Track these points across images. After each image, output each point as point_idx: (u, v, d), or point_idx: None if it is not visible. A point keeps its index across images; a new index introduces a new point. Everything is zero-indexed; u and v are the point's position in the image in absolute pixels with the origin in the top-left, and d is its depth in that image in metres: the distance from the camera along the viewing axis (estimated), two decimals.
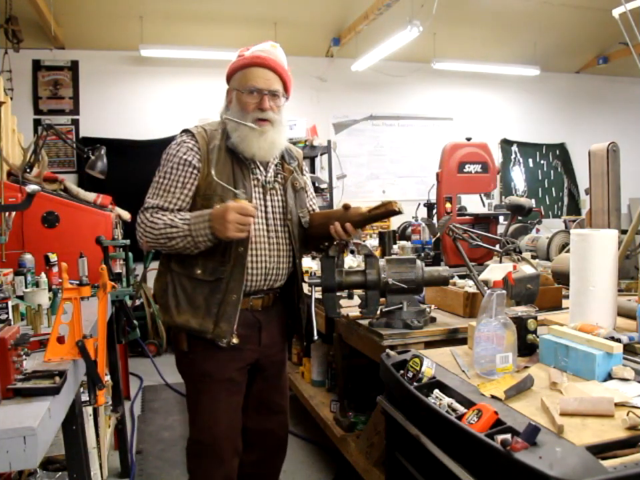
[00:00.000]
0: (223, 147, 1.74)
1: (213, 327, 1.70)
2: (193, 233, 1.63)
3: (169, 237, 1.65)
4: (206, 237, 1.63)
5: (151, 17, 5.29)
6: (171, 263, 1.76)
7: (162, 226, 1.65)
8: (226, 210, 1.58)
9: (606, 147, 2.11)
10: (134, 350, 4.72)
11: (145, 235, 1.68)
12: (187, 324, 1.72)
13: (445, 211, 3.10)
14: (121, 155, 5.34)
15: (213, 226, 1.61)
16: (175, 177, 1.71)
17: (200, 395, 1.79)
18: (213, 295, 1.71)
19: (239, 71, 1.74)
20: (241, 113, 1.71)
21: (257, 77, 1.70)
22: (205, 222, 1.62)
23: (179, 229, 1.64)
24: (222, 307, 1.70)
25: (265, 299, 1.83)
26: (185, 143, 1.73)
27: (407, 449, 1.40)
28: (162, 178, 1.73)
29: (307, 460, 2.95)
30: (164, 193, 1.71)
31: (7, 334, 1.17)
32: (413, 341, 1.82)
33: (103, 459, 2.40)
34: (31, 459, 1.00)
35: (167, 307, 1.75)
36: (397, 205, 1.69)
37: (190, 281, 1.73)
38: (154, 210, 1.70)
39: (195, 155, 1.72)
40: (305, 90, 6.29)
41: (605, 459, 0.95)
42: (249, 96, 1.71)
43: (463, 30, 5.98)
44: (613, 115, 7.35)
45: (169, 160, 1.73)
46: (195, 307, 1.72)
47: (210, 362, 1.75)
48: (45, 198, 3.13)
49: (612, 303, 1.65)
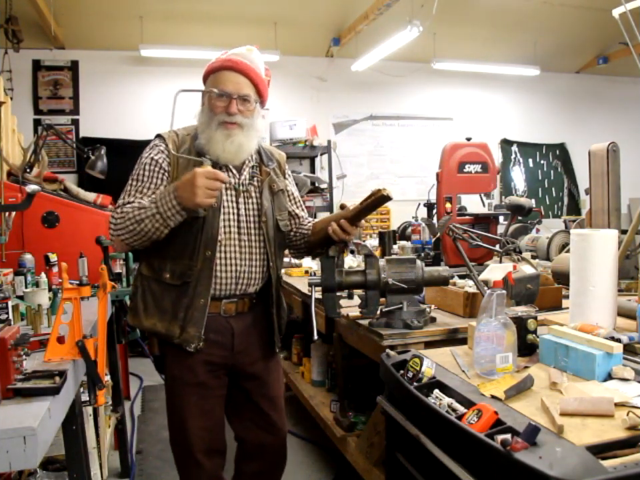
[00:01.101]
0: (193, 150, 1.72)
1: (179, 332, 1.68)
2: (160, 209, 1.57)
3: (138, 220, 1.59)
4: (174, 209, 1.57)
5: (151, 17, 5.29)
6: (142, 267, 1.75)
7: (130, 210, 1.61)
8: (194, 175, 1.53)
9: (606, 147, 2.11)
10: (134, 350, 4.72)
11: (117, 229, 1.62)
12: (153, 328, 1.71)
13: (445, 210, 3.09)
14: (121, 155, 5.30)
15: (180, 195, 1.55)
16: (147, 178, 1.70)
17: (172, 398, 1.79)
18: (179, 299, 1.69)
19: (210, 75, 1.73)
20: (209, 115, 1.70)
21: (227, 81, 1.68)
22: (170, 194, 1.57)
23: (146, 209, 1.59)
24: (189, 311, 1.68)
25: (239, 303, 1.79)
26: (157, 147, 1.73)
27: (407, 449, 1.40)
28: (134, 180, 1.72)
29: (307, 460, 2.95)
30: (135, 192, 1.70)
31: (7, 334, 1.17)
32: (413, 340, 1.82)
33: (103, 459, 2.40)
34: (31, 459, 1.01)
35: (136, 310, 1.73)
36: (386, 190, 1.66)
37: (158, 285, 1.71)
38: (123, 207, 1.66)
39: (165, 159, 1.71)
40: (305, 90, 6.30)
41: (605, 458, 0.94)
42: (217, 99, 1.68)
43: (463, 30, 5.98)
44: (613, 114, 7.35)
45: (140, 163, 1.73)
46: (162, 311, 1.70)
47: (179, 366, 1.74)
48: (45, 198, 3.13)
49: (612, 303, 1.65)
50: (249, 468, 1.91)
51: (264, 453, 1.89)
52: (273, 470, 1.95)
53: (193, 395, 1.75)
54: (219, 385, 1.80)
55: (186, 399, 1.75)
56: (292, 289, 2.89)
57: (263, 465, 1.91)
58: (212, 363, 1.75)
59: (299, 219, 1.96)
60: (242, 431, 1.90)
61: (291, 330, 3.50)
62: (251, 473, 1.91)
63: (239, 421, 1.89)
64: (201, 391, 1.75)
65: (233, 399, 1.87)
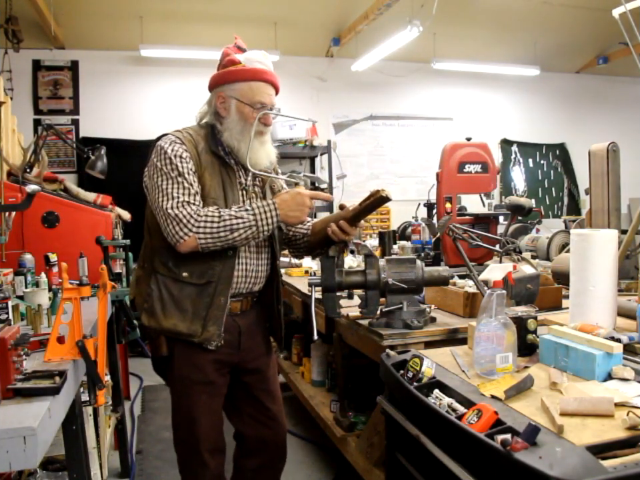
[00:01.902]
0: (209, 151, 1.74)
1: (201, 331, 1.69)
2: (258, 223, 1.64)
3: (233, 229, 1.62)
4: (272, 225, 1.66)
5: (151, 17, 5.29)
6: (155, 266, 1.73)
7: (226, 217, 1.61)
8: (302, 196, 1.67)
9: (606, 147, 2.11)
10: (134, 350, 4.72)
11: (199, 230, 1.60)
12: (174, 328, 1.70)
13: (445, 210, 3.09)
14: (121, 155, 5.33)
15: (285, 214, 1.66)
16: (187, 170, 1.66)
17: (180, 398, 1.79)
18: (200, 298, 1.70)
19: (241, 82, 1.73)
20: (242, 124, 1.73)
21: (263, 93, 1.74)
22: (272, 210, 1.65)
23: (244, 220, 1.62)
24: (210, 310, 1.69)
25: (244, 302, 1.82)
26: (177, 144, 1.70)
27: (407, 449, 1.40)
28: (178, 176, 1.65)
29: (307, 460, 2.95)
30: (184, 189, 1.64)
31: (7, 334, 1.17)
32: (413, 340, 1.82)
33: (103, 459, 2.40)
34: (31, 458, 1.00)
35: (153, 311, 1.71)
36: (385, 191, 1.68)
37: (176, 284, 1.71)
38: (193, 205, 1.63)
39: (189, 157, 1.70)
40: (305, 90, 6.29)
41: (605, 458, 0.94)
42: (252, 110, 1.72)
43: (463, 30, 5.98)
44: (613, 115, 7.34)
45: (168, 157, 1.65)
46: (182, 311, 1.70)
47: (189, 365, 1.75)
48: (45, 198, 3.13)
49: (612, 303, 1.65)
50: (250, 464, 1.92)
51: (265, 447, 1.91)
52: (274, 464, 1.96)
53: (202, 394, 1.76)
54: (224, 383, 1.83)
55: (196, 399, 1.76)
56: (292, 289, 2.89)
57: (264, 460, 1.92)
58: (220, 361, 1.77)
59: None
60: (242, 426, 1.91)
61: (291, 330, 3.50)
62: (252, 468, 1.92)
63: (239, 416, 1.91)
64: (209, 389, 1.77)
65: (232, 395, 1.89)
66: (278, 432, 1.93)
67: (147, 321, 1.73)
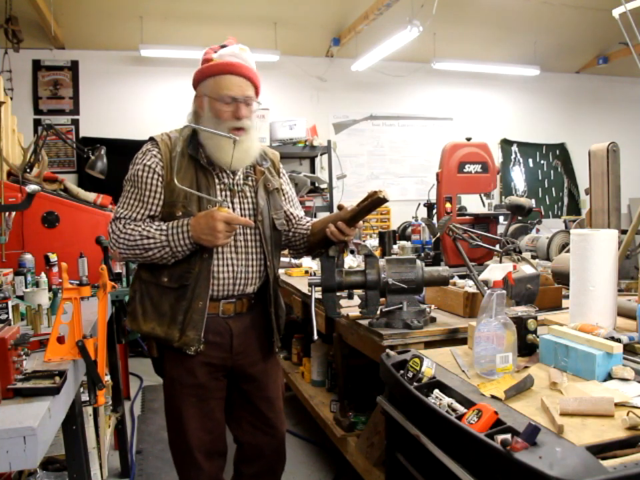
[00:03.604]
0: (186, 153, 1.71)
1: (179, 335, 1.67)
2: (171, 244, 1.62)
3: (146, 249, 1.63)
4: (186, 246, 1.62)
5: (150, 16, 5.29)
6: (140, 271, 1.75)
7: (138, 237, 1.63)
8: (214, 221, 1.58)
9: (606, 147, 2.11)
10: (134, 350, 4.72)
11: (119, 247, 1.66)
12: (152, 332, 1.70)
13: (445, 210, 3.09)
14: (121, 155, 5.30)
15: (197, 236, 1.60)
16: (142, 184, 1.69)
17: (170, 400, 1.79)
18: (178, 303, 1.68)
19: (209, 77, 1.69)
20: (215, 121, 1.68)
21: (231, 85, 1.67)
22: (184, 232, 1.61)
23: (156, 240, 1.62)
24: (188, 314, 1.67)
25: (238, 304, 1.78)
26: (149, 152, 1.72)
27: (407, 449, 1.40)
28: (132, 187, 1.71)
29: (307, 460, 2.95)
30: (133, 202, 1.69)
31: (7, 334, 1.17)
32: (413, 341, 1.82)
33: (103, 459, 2.39)
34: (31, 458, 1.01)
35: (134, 314, 1.72)
36: (382, 192, 1.66)
37: (157, 289, 1.71)
38: (125, 221, 1.67)
39: (158, 163, 1.69)
40: (305, 90, 6.30)
41: (605, 458, 0.94)
42: (224, 105, 1.67)
43: (463, 30, 5.98)
44: (613, 115, 7.35)
45: (134, 169, 1.72)
46: (161, 315, 1.69)
47: (179, 368, 1.73)
48: (45, 198, 3.13)
49: (612, 303, 1.65)
50: (248, 470, 1.91)
51: (263, 455, 1.89)
52: (272, 471, 1.94)
53: (191, 396, 1.74)
54: (218, 387, 1.80)
55: (184, 401, 1.74)
56: (292, 289, 2.89)
57: (262, 467, 1.91)
58: (211, 364, 1.75)
59: (294, 218, 1.96)
60: (240, 434, 1.89)
61: (291, 330, 3.50)
62: (250, 474, 1.91)
63: (237, 424, 1.89)
64: (199, 392, 1.75)
65: (231, 402, 1.87)
66: (276, 439, 1.90)
67: (129, 323, 1.74)
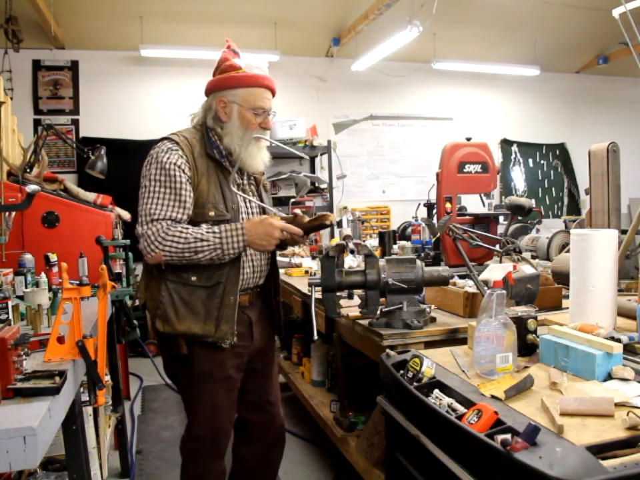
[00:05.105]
0: (204, 154, 1.79)
1: (214, 331, 1.74)
2: (224, 246, 1.68)
3: (197, 251, 1.67)
4: (237, 249, 1.70)
5: (150, 17, 5.29)
6: (165, 273, 1.76)
7: (191, 239, 1.67)
8: (273, 228, 1.71)
9: (606, 147, 2.11)
10: (134, 350, 4.72)
11: (163, 249, 1.67)
12: (188, 331, 1.74)
13: (445, 210, 3.09)
14: (121, 155, 5.33)
15: (252, 240, 1.70)
16: (177, 184, 1.71)
17: (201, 394, 1.82)
18: (211, 299, 1.75)
19: (241, 87, 1.79)
20: (243, 129, 1.80)
21: (264, 99, 1.81)
22: (238, 236, 1.69)
23: (209, 243, 1.68)
24: (221, 309, 1.75)
25: (251, 294, 1.90)
26: (173, 151, 1.74)
27: (407, 449, 1.40)
28: (161, 187, 1.71)
29: (307, 460, 2.95)
30: (169, 202, 1.71)
31: (7, 334, 1.17)
32: (413, 341, 1.82)
33: (102, 459, 2.39)
34: (31, 458, 1.00)
35: (167, 317, 1.74)
36: (331, 218, 1.78)
37: (186, 288, 1.75)
38: (166, 222, 1.69)
39: (184, 163, 1.74)
40: (305, 90, 6.29)
41: (605, 458, 0.94)
42: (253, 115, 1.80)
43: (463, 30, 5.98)
44: (613, 114, 7.34)
45: (161, 168, 1.71)
46: (195, 313, 1.74)
47: (209, 362, 1.79)
48: (45, 198, 3.13)
49: (612, 303, 1.65)
50: (249, 452, 1.99)
51: (265, 434, 1.99)
52: (274, 449, 2.04)
53: (221, 388, 1.82)
54: (239, 377, 1.89)
55: (217, 394, 1.82)
56: (292, 289, 2.89)
57: (263, 448, 2.00)
58: (238, 354, 1.84)
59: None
60: (245, 413, 1.97)
61: (291, 330, 3.50)
62: (251, 457, 1.99)
63: (243, 402, 1.96)
64: (227, 384, 1.84)
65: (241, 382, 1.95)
66: (278, 418, 2.04)
67: (161, 326, 1.76)
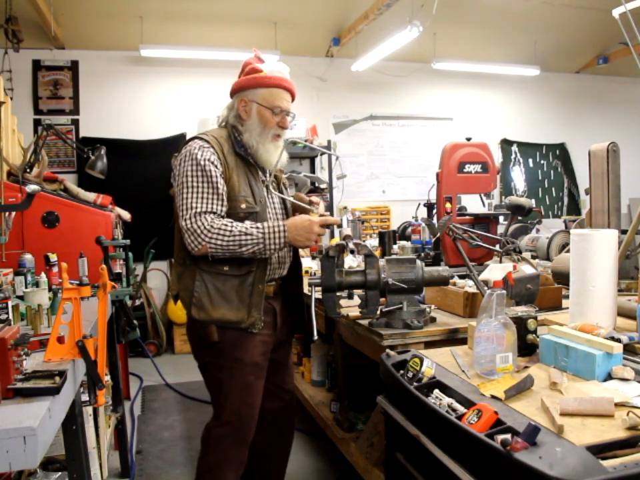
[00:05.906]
0: (232, 151, 1.89)
1: (247, 317, 1.83)
2: (266, 242, 1.76)
3: (241, 244, 1.76)
4: (278, 245, 1.78)
5: (150, 16, 5.28)
6: (199, 263, 1.84)
7: (237, 233, 1.75)
8: (313, 224, 1.79)
9: (606, 147, 2.11)
10: (134, 350, 4.72)
11: (209, 241, 1.75)
12: (223, 317, 1.82)
13: (445, 210, 3.09)
14: (121, 155, 5.34)
15: (293, 238, 1.78)
16: (214, 178, 1.80)
17: (231, 380, 1.88)
18: (243, 288, 1.84)
19: (262, 88, 1.89)
20: (261, 126, 1.89)
21: (283, 99, 1.91)
22: (281, 232, 1.77)
23: (253, 237, 1.76)
24: (252, 297, 1.85)
25: (275, 285, 1.98)
26: (206, 149, 1.83)
27: (407, 449, 1.40)
28: (199, 182, 1.79)
29: (307, 460, 2.95)
30: (209, 196, 1.79)
31: (7, 334, 1.17)
32: (413, 341, 1.82)
33: (102, 459, 2.40)
34: (31, 459, 1.00)
35: (201, 304, 1.83)
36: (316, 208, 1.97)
37: (219, 278, 1.84)
38: (211, 215, 1.77)
39: (217, 159, 1.83)
40: (305, 90, 6.28)
41: (605, 458, 0.95)
42: (273, 115, 1.89)
43: (463, 30, 5.98)
44: (613, 114, 7.34)
45: (198, 164, 1.80)
46: (229, 301, 1.83)
47: (240, 348, 1.87)
48: (45, 198, 3.13)
49: (612, 303, 1.65)
50: (262, 438, 2.03)
51: (279, 418, 2.09)
52: (285, 434, 2.13)
53: (250, 374, 1.89)
54: (266, 366, 1.96)
55: (246, 380, 1.89)
56: None
57: (274, 433, 2.08)
58: (264, 342, 1.92)
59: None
60: (264, 402, 2.01)
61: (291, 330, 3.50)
62: (263, 442, 2.05)
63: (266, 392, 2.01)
64: (256, 370, 1.91)
65: None
66: (291, 404, 2.14)
67: (197, 314, 1.84)
